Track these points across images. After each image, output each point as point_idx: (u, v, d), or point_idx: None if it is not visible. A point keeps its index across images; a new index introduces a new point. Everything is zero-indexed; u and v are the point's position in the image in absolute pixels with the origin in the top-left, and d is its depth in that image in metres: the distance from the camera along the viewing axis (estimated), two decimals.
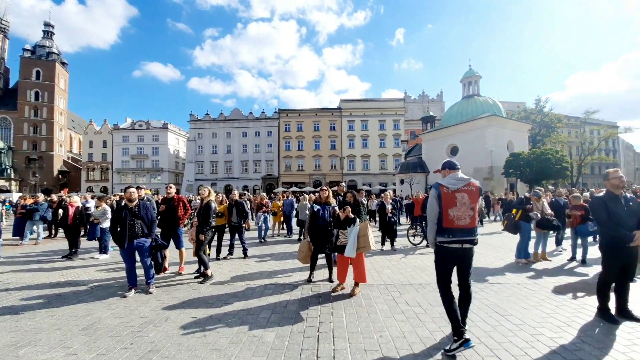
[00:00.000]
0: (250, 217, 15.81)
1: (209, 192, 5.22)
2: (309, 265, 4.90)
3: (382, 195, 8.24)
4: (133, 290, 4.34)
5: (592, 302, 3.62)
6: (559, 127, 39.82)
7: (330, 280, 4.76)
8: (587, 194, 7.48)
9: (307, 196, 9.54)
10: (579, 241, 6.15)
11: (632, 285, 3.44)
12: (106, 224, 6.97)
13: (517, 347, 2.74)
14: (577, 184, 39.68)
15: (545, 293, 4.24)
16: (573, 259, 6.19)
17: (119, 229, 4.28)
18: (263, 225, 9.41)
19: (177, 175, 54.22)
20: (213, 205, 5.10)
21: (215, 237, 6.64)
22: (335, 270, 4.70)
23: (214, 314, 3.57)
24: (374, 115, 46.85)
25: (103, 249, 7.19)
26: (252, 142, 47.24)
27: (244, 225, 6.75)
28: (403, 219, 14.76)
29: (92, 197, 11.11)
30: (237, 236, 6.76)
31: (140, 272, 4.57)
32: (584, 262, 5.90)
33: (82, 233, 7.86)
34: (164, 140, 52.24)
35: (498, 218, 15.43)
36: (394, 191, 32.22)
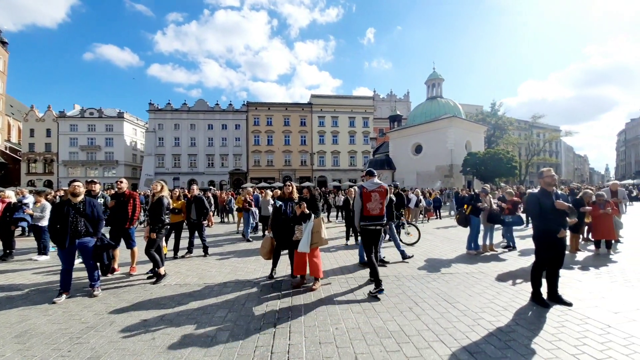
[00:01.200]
0: (215, 213, 15.40)
1: (162, 187, 4.90)
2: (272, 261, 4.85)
3: (347, 190, 8.39)
4: (64, 296, 3.94)
5: (528, 288, 4.01)
6: (511, 130, 43.60)
7: (292, 276, 4.75)
8: (530, 190, 8.27)
9: (269, 192, 9.44)
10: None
11: (562, 272, 3.87)
12: (45, 222, 6.28)
13: (460, 331, 2.96)
14: (524, 181, 43.80)
15: (489, 281, 4.63)
16: (507, 247, 6.94)
17: (58, 226, 3.87)
18: (252, 221, 9.11)
19: (135, 169, 50.52)
20: (166, 201, 4.80)
21: (173, 235, 6.31)
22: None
23: (165, 315, 3.39)
24: (344, 112, 47.44)
25: (42, 250, 6.48)
26: (218, 135, 45.33)
27: (204, 222, 6.47)
28: None
29: (31, 192, 9.93)
30: (197, 234, 6.47)
31: (83, 274, 4.19)
32: (508, 247, 6.87)
33: (20, 232, 7.00)
34: (119, 131, 48.24)
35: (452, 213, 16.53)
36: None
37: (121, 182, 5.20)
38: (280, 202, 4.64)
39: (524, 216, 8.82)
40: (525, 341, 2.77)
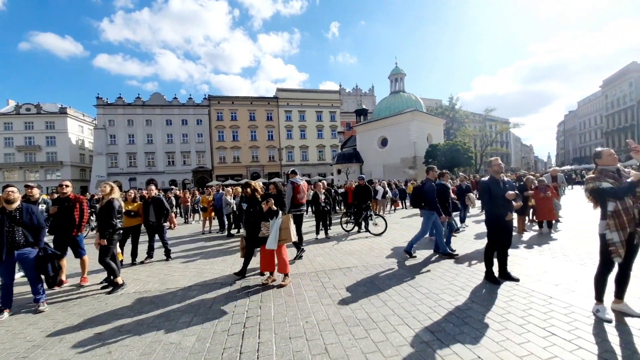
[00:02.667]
0: (177, 214, 14.60)
1: (111, 189, 4.50)
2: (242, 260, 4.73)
3: (315, 184, 8.42)
4: (7, 313, 3.53)
5: (482, 268, 4.36)
6: (467, 122, 46.80)
7: (261, 273, 4.67)
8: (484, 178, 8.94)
9: (229, 190, 9.19)
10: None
11: (510, 251, 4.25)
12: None
13: (422, 313, 3.14)
14: (480, 170, 47.37)
15: (448, 264, 4.96)
16: (457, 230, 7.40)
17: None
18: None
19: (84, 170, 46.03)
20: (117, 203, 4.42)
21: (129, 240, 5.86)
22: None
23: (123, 326, 3.15)
24: (311, 106, 47.29)
25: None
26: (178, 131, 42.64)
27: (165, 224, 6.10)
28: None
29: None
30: (157, 237, 6.08)
31: (27, 288, 3.74)
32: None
33: None
34: (62, 128, 43.41)
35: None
36: (332, 181, 33.44)
37: (66, 185, 4.69)
38: (245, 204, 4.54)
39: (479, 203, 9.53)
40: (480, 316, 3.01)
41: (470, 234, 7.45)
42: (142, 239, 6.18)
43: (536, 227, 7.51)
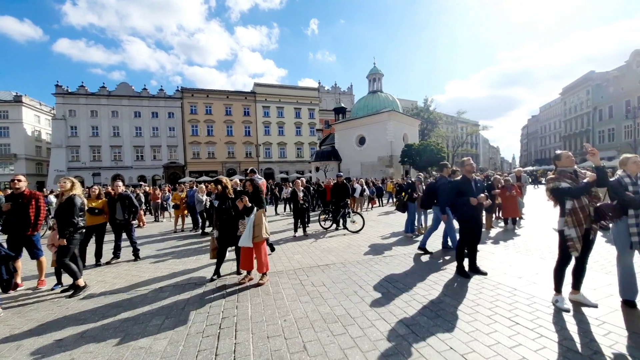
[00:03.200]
0: (147, 211, 13.85)
1: (72, 185, 4.16)
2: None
3: (294, 182, 8.35)
4: None
5: (454, 263, 4.56)
6: (440, 124, 48.73)
7: (237, 272, 4.56)
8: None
9: (202, 187, 8.91)
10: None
11: (479, 247, 4.48)
12: None
13: (398, 307, 3.22)
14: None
15: (424, 259, 5.14)
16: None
17: None
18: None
19: (40, 164, 42.33)
20: (78, 200, 4.10)
21: (93, 239, 5.47)
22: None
23: (87, 332, 2.93)
24: (290, 102, 46.82)
25: None
26: (148, 124, 40.27)
27: (133, 222, 5.76)
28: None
29: None
30: (125, 236, 5.73)
31: None
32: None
33: None
34: (16, 118, 39.53)
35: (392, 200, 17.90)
36: (310, 178, 33.43)
37: (18, 180, 4.26)
38: (217, 201, 4.39)
39: None
40: (452, 309, 3.15)
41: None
42: (107, 239, 5.80)
43: (502, 224, 7.99)
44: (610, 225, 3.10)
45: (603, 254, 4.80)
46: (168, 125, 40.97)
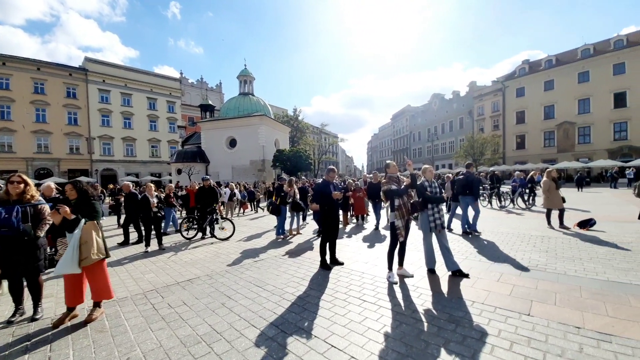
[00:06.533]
0: None
1: None
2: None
3: (146, 186, 6.95)
4: None
5: (318, 258, 5.02)
6: (307, 133, 53.70)
7: (68, 309, 3.20)
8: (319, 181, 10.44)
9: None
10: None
11: (337, 241, 5.12)
12: None
13: (269, 310, 3.21)
14: (317, 175, 55.50)
15: (292, 259, 5.39)
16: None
17: None
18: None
19: None
20: None
21: None
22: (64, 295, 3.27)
23: None
24: (141, 90, 38.90)
25: None
26: None
27: None
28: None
29: None
30: None
31: None
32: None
33: None
34: None
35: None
36: (170, 181, 28.92)
37: None
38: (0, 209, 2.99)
39: None
40: (316, 300, 3.44)
41: (310, 229, 8.49)
42: None
43: (354, 220, 9.57)
44: (418, 215, 4.28)
45: (415, 236, 6.57)
46: None
